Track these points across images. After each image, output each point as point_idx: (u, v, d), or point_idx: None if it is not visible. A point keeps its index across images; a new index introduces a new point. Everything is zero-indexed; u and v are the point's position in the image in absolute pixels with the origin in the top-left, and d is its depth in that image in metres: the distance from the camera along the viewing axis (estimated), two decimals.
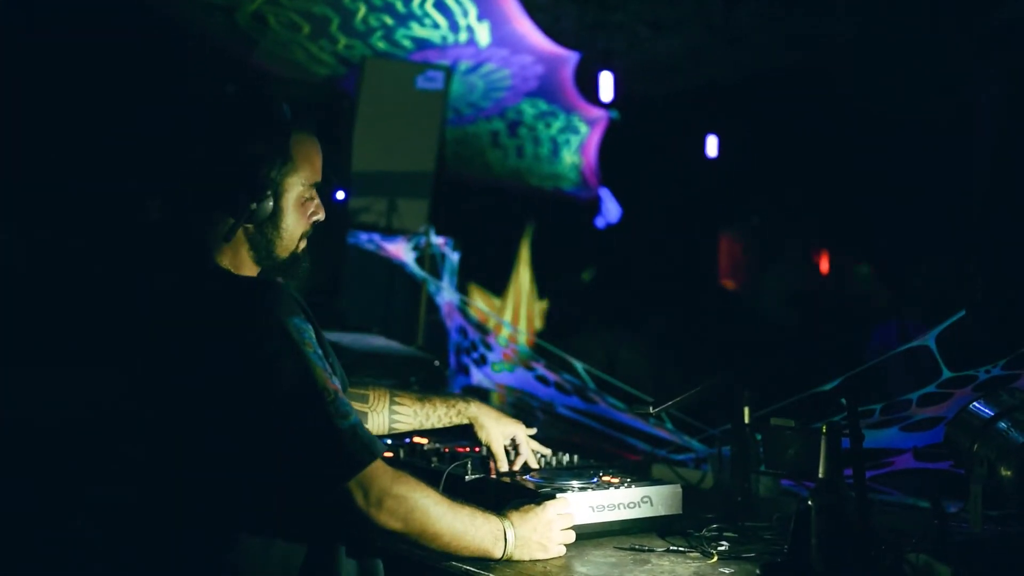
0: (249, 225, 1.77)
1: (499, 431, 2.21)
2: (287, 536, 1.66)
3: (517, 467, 2.24)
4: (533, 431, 2.33)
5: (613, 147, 7.49)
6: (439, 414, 2.22)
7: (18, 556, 2.19)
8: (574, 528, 1.96)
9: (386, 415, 2.18)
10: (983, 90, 5.61)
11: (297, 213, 1.83)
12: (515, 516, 1.85)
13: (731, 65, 6.70)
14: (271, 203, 1.78)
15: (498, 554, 1.80)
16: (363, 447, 1.62)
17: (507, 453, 2.36)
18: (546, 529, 1.87)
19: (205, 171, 1.74)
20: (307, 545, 1.68)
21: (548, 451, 2.30)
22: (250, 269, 1.81)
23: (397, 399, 2.21)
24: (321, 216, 1.89)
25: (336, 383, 1.66)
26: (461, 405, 2.22)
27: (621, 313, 5.61)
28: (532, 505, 1.90)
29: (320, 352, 1.68)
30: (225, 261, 1.77)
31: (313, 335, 1.69)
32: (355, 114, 4.52)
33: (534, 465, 2.23)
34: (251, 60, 5.87)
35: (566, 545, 1.92)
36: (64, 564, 1.98)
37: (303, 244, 1.88)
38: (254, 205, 1.76)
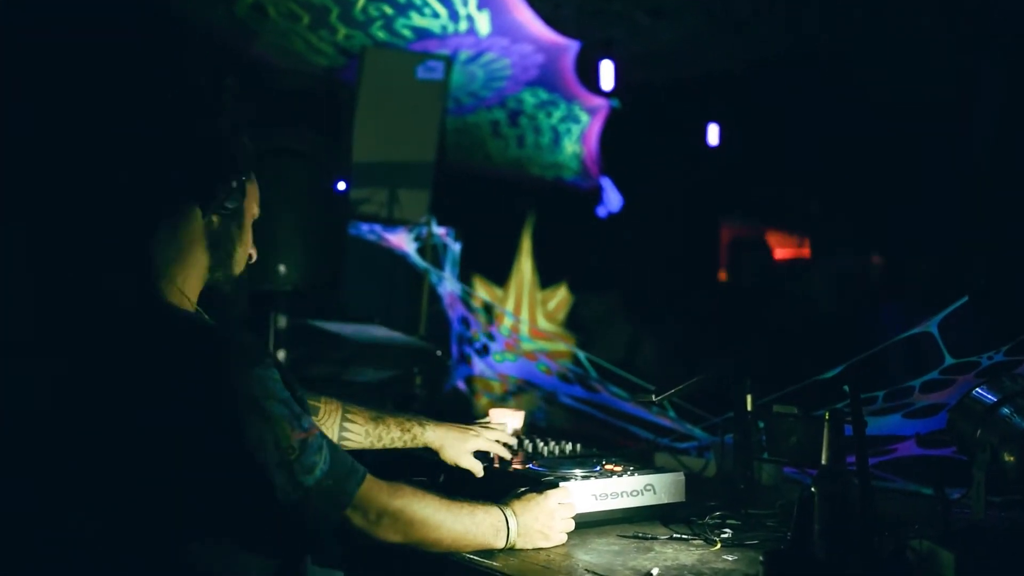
0: (215, 219, 1.72)
1: (463, 448, 2.15)
2: (256, 553, 1.64)
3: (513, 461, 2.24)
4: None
5: (614, 136, 7.47)
6: (392, 436, 2.15)
7: None
8: (577, 517, 1.97)
9: (335, 431, 2.11)
10: (984, 78, 5.60)
11: (249, 232, 1.83)
12: (517, 505, 1.86)
13: (732, 53, 6.68)
14: (241, 205, 1.77)
15: (500, 544, 1.81)
16: (344, 479, 1.61)
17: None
18: (548, 518, 1.87)
19: (189, 156, 1.70)
20: (274, 561, 1.66)
21: (513, 441, 2.23)
22: (195, 285, 1.72)
23: (349, 415, 2.14)
24: (254, 256, 1.86)
25: (304, 425, 1.59)
26: (417, 430, 2.14)
27: (623, 301, 5.61)
28: (534, 494, 1.90)
29: (285, 396, 1.60)
30: (175, 271, 1.68)
31: (276, 378, 1.61)
32: (355, 104, 4.51)
33: (503, 456, 2.19)
34: (251, 51, 5.85)
35: (568, 533, 1.92)
36: None
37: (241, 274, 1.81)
38: (230, 204, 1.73)
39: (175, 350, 1.58)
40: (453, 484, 2.19)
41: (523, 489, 1.93)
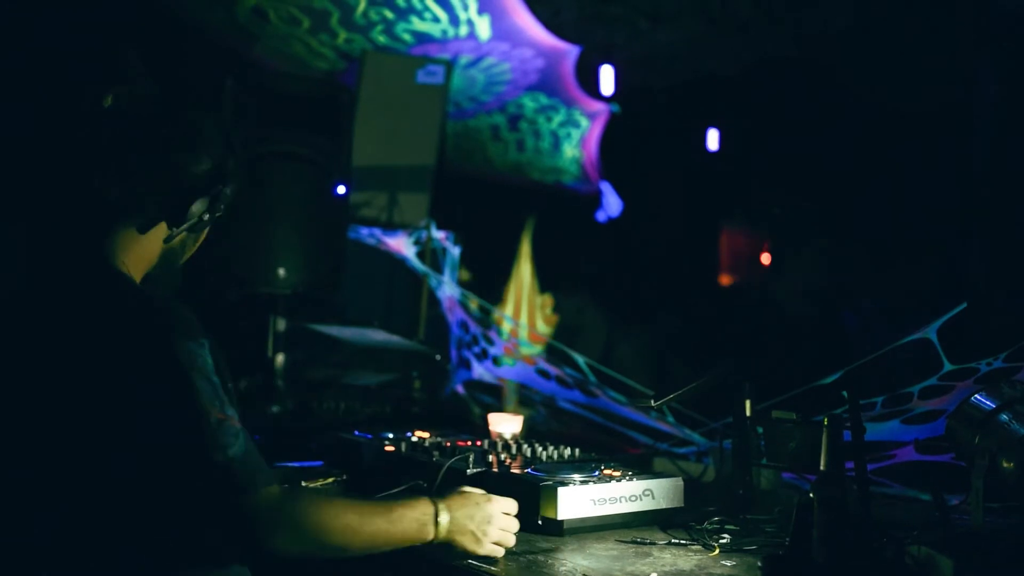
0: (177, 236, 1.76)
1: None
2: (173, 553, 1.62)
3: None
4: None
5: (614, 141, 7.48)
6: None
7: None
8: (576, 521, 1.97)
9: None
10: (983, 80, 5.60)
11: (199, 242, 1.85)
12: (453, 499, 1.79)
13: (731, 57, 6.69)
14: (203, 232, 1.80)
15: (428, 536, 1.73)
16: (252, 472, 1.58)
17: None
18: (483, 521, 1.80)
19: (171, 189, 1.72)
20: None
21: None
22: (141, 269, 1.76)
23: None
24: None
25: (227, 411, 1.59)
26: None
27: (622, 306, 5.61)
28: (477, 493, 1.84)
29: (212, 378, 1.61)
30: (125, 257, 1.72)
31: (208, 359, 1.62)
32: (355, 108, 4.51)
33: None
34: (251, 54, 5.86)
35: (565, 538, 1.92)
36: None
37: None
38: (206, 215, 1.76)
39: (115, 313, 1.61)
40: (448, 491, 2.19)
41: (467, 488, 1.86)
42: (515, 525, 1.86)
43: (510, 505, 1.86)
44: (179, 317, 1.62)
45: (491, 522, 1.81)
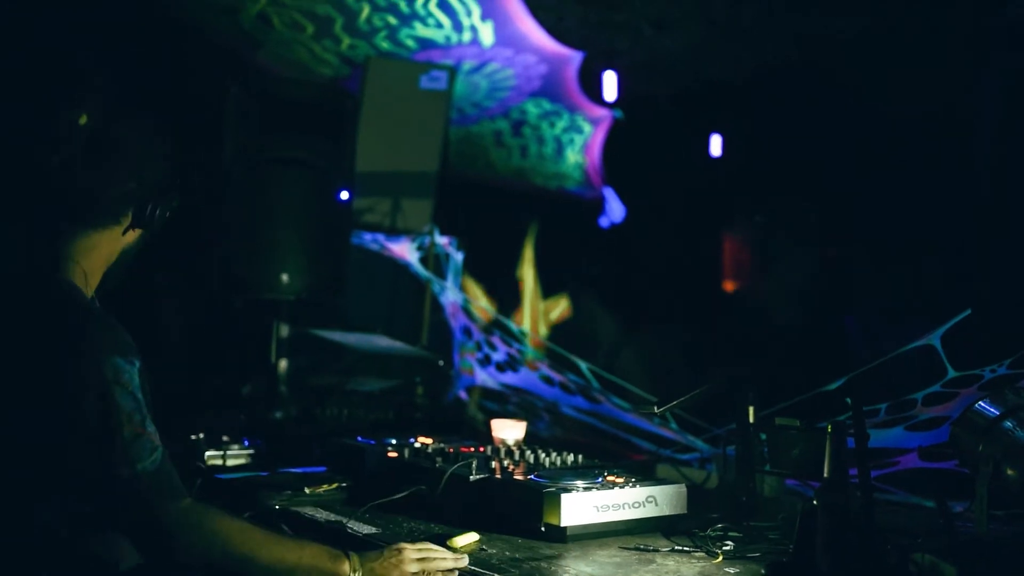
0: (132, 236, 1.85)
1: None
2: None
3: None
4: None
5: (617, 146, 7.48)
6: None
7: None
8: (579, 528, 1.97)
9: None
10: (986, 85, 5.60)
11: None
12: (372, 557, 1.80)
13: (735, 64, 6.69)
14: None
15: (344, 569, 1.75)
16: (165, 487, 1.68)
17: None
18: (399, 564, 1.80)
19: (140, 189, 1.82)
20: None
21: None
22: (99, 269, 1.85)
23: None
24: None
25: (147, 427, 1.69)
26: None
27: (625, 312, 5.61)
28: (390, 551, 1.83)
29: (137, 395, 1.70)
30: (83, 260, 1.80)
31: (134, 375, 1.71)
32: (359, 114, 4.52)
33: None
34: (255, 60, 5.87)
35: (570, 545, 1.92)
36: None
37: None
38: (164, 215, 1.87)
39: (54, 322, 1.72)
40: (451, 497, 2.19)
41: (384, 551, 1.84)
42: (439, 556, 1.84)
43: (425, 549, 1.85)
44: (113, 334, 1.72)
45: (407, 565, 1.80)
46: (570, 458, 2.39)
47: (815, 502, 1.70)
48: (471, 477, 2.17)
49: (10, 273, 1.80)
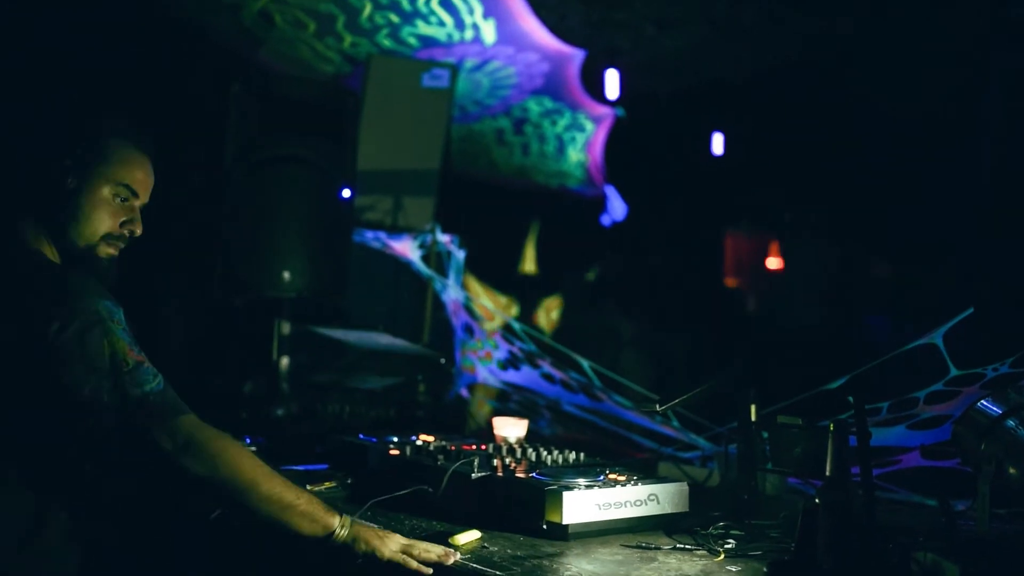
0: (53, 200, 1.97)
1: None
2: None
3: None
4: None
5: (619, 145, 7.48)
6: None
7: None
8: (581, 526, 1.97)
9: None
10: (989, 85, 5.59)
11: (101, 209, 2.00)
12: (357, 519, 1.89)
13: (736, 62, 6.69)
14: (73, 183, 1.97)
15: (333, 523, 1.83)
16: (165, 406, 1.83)
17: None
18: (384, 537, 1.86)
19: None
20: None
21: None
22: (50, 252, 1.99)
23: None
24: (136, 230, 2.07)
25: (141, 354, 1.85)
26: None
27: (627, 310, 5.61)
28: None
29: (127, 329, 1.87)
30: (31, 241, 1.98)
31: (122, 316, 1.88)
32: (361, 112, 4.51)
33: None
34: (257, 58, 5.87)
35: (571, 542, 1.91)
36: None
37: (105, 247, 2.03)
38: (71, 181, 1.96)
39: (35, 281, 1.87)
40: (453, 494, 2.19)
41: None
42: (424, 547, 1.86)
43: (415, 544, 1.87)
44: (96, 283, 1.90)
45: (393, 543, 1.85)
46: (572, 456, 2.39)
47: (817, 500, 1.70)
48: (473, 475, 2.17)
49: None
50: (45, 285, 1.85)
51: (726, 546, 1.96)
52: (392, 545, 1.85)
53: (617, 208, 7.72)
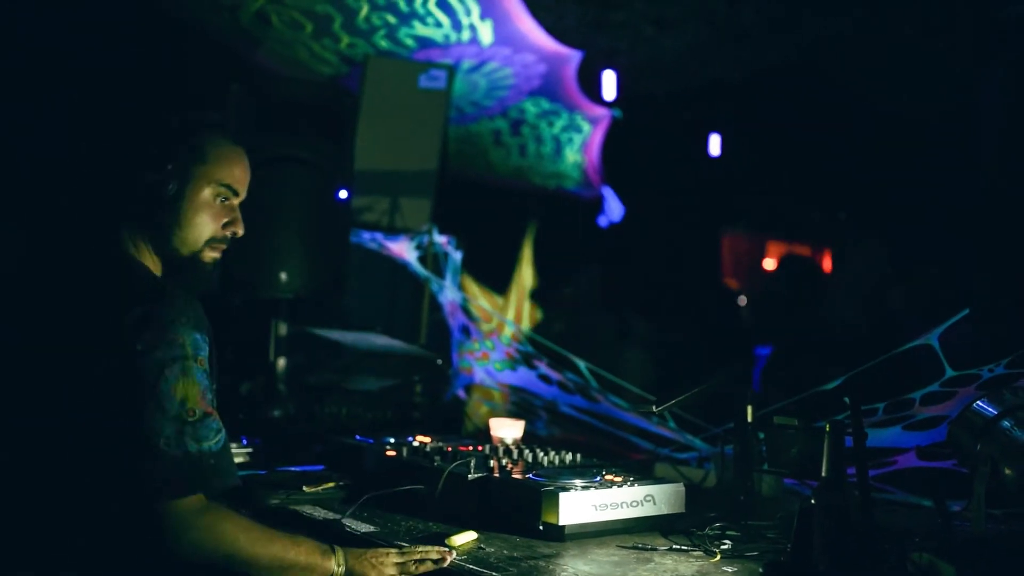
0: (153, 207, 1.86)
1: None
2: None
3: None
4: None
5: (616, 146, 7.49)
6: None
7: None
8: (577, 527, 1.97)
9: None
10: (987, 87, 5.60)
11: (203, 213, 1.91)
12: (349, 550, 1.84)
13: (734, 63, 6.70)
14: (173, 188, 1.87)
15: (331, 566, 1.79)
16: (224, 471, 1.71)
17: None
18: (379, 565, 1.83)
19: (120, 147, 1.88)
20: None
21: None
22: (151, 261, 1.89)
23: None
24: (239, 231, 1.97)
25: (212, 406, 1.73)
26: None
27: (623, 311, 5.60)
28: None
29: (208, 370, 1.74)
30: (131, 250, 1.87)
31: (207, 350, 1.76)
32: (358, 113, 4.51)
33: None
34: (254, 58, 5.87)
35: (568, 543, 1.92)
36: None
37: (209, 252, 1.95)
38: (170, 189, 1.86)
39: (129, 295, 1.74)
40: (449, 496, 2.20)
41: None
42: (420, 555, 1.86)
43: (409, 552, 1.87)
44: (191, 308, 1.74)
45: (389, 567, 1.83)
46: (568, 457, 2.39)
47: (813, 501, 1.71)
48: (469, 476, 2.17)
49: (78, 257, 1.86)
50: (141, 302, 1.71)
51: (722, 547, 1.96)
52: (388, 570, 1.82)
53: (614, 209, 7.72)
